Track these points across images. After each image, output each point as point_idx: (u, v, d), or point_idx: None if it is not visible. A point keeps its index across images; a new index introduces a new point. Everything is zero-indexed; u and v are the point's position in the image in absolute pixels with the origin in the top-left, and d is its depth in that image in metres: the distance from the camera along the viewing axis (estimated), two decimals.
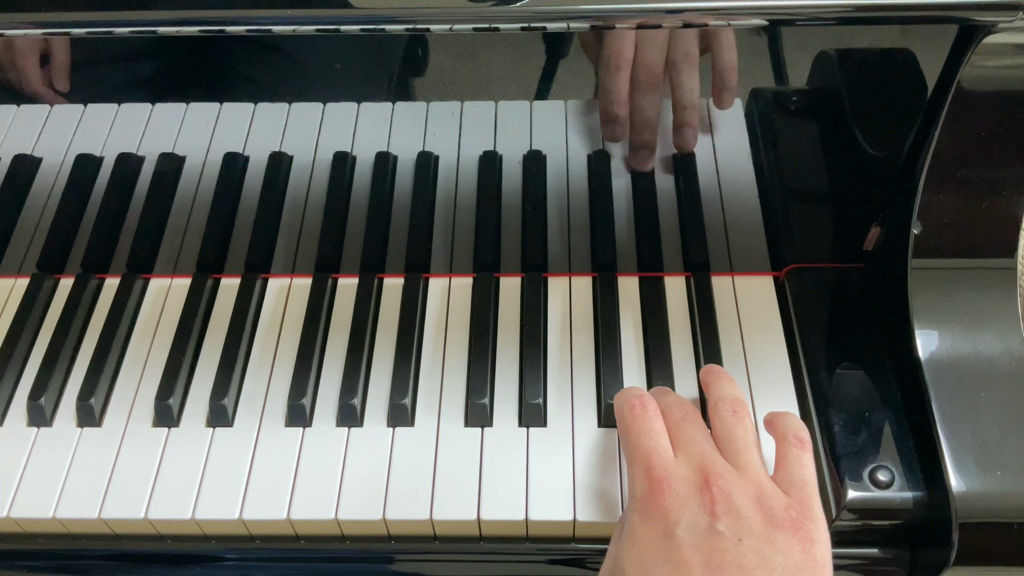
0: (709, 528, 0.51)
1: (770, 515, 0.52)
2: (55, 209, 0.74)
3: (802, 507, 0.52)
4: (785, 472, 0.55)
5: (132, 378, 0.69)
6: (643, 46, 0.62)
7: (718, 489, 0.52)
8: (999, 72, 0.57)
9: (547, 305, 0.72)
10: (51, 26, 0.57)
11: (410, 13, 0.55)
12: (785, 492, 0.53)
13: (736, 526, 0.51)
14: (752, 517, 0.51)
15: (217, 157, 0.72)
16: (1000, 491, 0.57)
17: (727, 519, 0.51)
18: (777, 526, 0.51)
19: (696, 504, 0.52)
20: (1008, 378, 0.61)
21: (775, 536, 0.51)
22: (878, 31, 0.59)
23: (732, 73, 0.63)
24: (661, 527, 0.52)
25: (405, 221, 0.73)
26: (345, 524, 0.62)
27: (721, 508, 0.51)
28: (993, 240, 0.63)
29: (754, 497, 0.52)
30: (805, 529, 0.51)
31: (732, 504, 0.52)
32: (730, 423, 0.57)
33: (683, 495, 0.52)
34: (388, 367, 0.68)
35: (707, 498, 0.52)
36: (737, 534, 0.50)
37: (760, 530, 0.51)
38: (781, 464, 0.55)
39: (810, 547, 0.51)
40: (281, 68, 0.66)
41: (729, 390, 0.59)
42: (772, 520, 0.51)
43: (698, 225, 0.72)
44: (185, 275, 0.75)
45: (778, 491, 0.53)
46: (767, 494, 0.53)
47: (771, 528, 0.51)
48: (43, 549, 0.65)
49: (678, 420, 0.57)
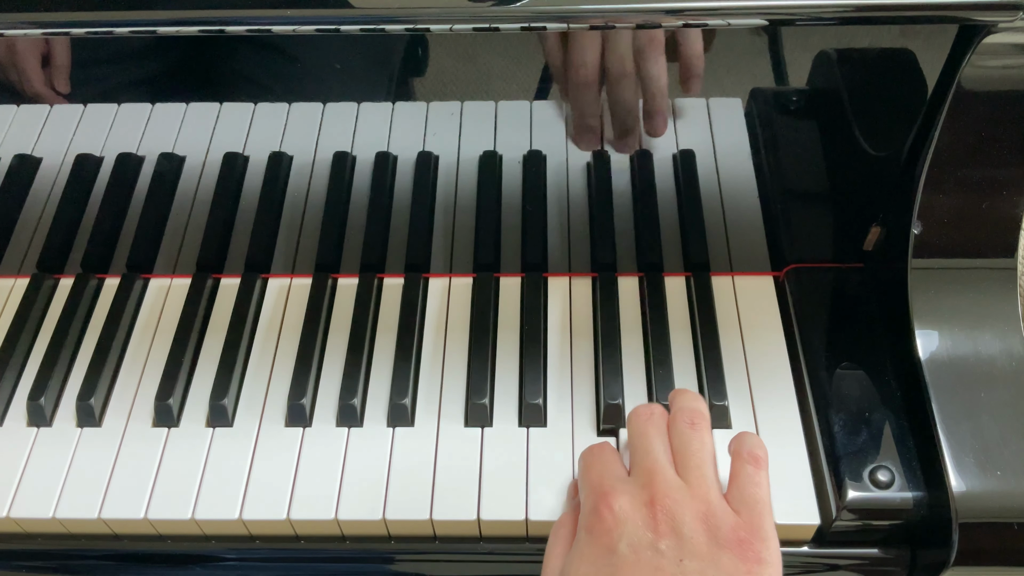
0: (651, 546, 0.50)
1: (716, 535, 0.51)
2: (55, 209, 0.74)
3: (752, 527, 0.52)
4: (738, 490, 0.54)
5: (132, 378, 0.69)
6: (610, 43, 0.62)
7: (663, 507, 0.51)
8: (999, 72, 0.57)
9: (547, 305, 0.72)
10: (51, 26, 0.57)
11: (410, 13, 0.55)
12: (736, 511, 0.53)
13: (678, 546, 0.50)
14: (696, 537, 0.51)
15: (217, 157, 0.72)
16: (1000, 491, 0.57)
17: (670, 538, 0.50)
18: (722, 546, 0.50)
19: (640, 521, 0.51)
20: (1008, 378, 0.61)
21: (720, 556, 0.50)
22: (878, 31, 0.59)
23: (699, 61, 0.63)
24: (605, 543, 0.51)
25: (405, 221, 0.73)
26: (345, 524, 0.62)
27: (664, 527, 0.51)
28: (993, 240, 0.63)
29: (700, 516, 0.52)
30: (753, 550, 0.50)
31: (676, 523, 0.51)
32: (686, 436, 0.56)
33: (628, 511, 0.52)
34: (388, 367, 0.68)
35: (651, 516, 0.51)
36: (679, 554, 0.50)
37: (704, 550, 0.50)
38: (734, 482, 0.54)
39: (757, 568, 0.50)
40: (281, 68, 0.66)
41: (690, 402, 0.58)
42: (718, 540, 0.51)
43: (698, 225, 0.72)
44: (185, 275, 0.75)
45: (727, 510, 0.52)
46: (715, 513, 0.52)
47: (716, 548, 0.50)
48: (43, 549, 0.65)
49: (639, 430, 0.57)
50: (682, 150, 0.71)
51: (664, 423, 0.57)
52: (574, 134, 0.69)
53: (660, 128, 0.68)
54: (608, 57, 0.63)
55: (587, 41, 0.62)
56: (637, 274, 0.73)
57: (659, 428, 0.57)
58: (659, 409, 0.58)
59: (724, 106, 0.68)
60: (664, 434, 0.57)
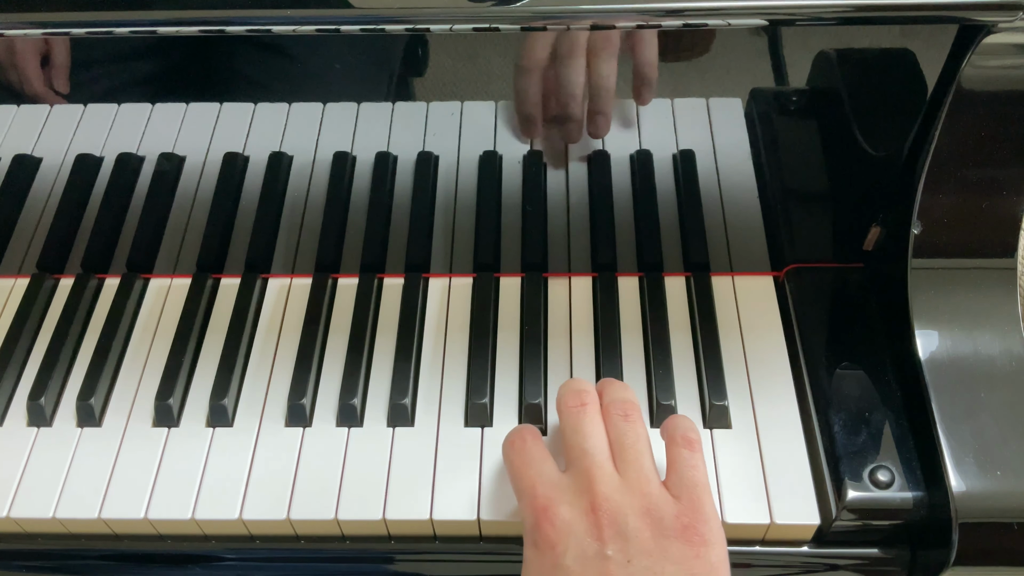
0: (597, 554, 0.50)
1: (660, 527, 0.51)
2: (55, 209, 0.74)
3: (694, 510, 0.52)
4: (676, 475, 0.54)
5: (132, 378, 0.69)
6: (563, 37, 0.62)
7: (604, 512, 0.51)
8: (999, 72, 0.57)
9: (547, 305, 0.72)
10: (51, 26, 0.57)
11: (410, 13, 0.55)
12: (676, 496, 0.53)
13: (625, 548, 0.50)
14: (641, 534, 0.51)
15: (217, 157, 0.72)
16: (1000, 491, 0.57)
17: (615, 542, 0.50)
18: (668, 536, 0.51)
19: (582, 531, 0.51)
20: (1008, 378, 0.61)
21: (667, 546, 0.50)
22: (878, 31, 0.60)
23: (651, 70, 0.63)
24: (551, 559, 0.51)
25: (405, 221, 0.73)
26: (345, 524, 0.62)
27: (608, 532, 0.51)
28: (993, 240, 0.63)
29: (642, 512, 0.52)
30: (698, 533, 0.51)
31: (619, 525, 0.51)
32: (621, 429, 0.56)
33: (569, 522, 0.52)
34: (388, 367, 0.68)
35: (594, 523, 0.51)
36: (626, 555, 0.50)
37: (651, 546, 0.50)
38: (672, 467, 0.55)
39: (703, 550, 0.50)
40: (281, 68, 0.66)
41: (620, 393, 0.58)
42: (663, 531, 0.51)
43: (698, 225, 0.72)
44: (185, 275, 0.75)
45: (668, 499, 0.53)
46: (656, 505, 0.52)
47: (662, 540, 0.51)
48: (43, 549, 0.65)
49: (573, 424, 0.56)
50: (682, 150, 0.71)
51: (597, 413, 0.57)
52: (516, 120, 0.69)
53: (602, 129, 0.68)
54: (559, 48, 0.62)
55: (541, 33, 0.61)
56: (637, 274, 0.73)
57: (594, 421, 0.56)
58: (590, 397, 0.57)
59: (724, 106, 0.68)
60: (600, 426, 0.56)
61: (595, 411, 0.57)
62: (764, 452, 0.63)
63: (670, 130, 0.70)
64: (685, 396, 0.66)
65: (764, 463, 0.63)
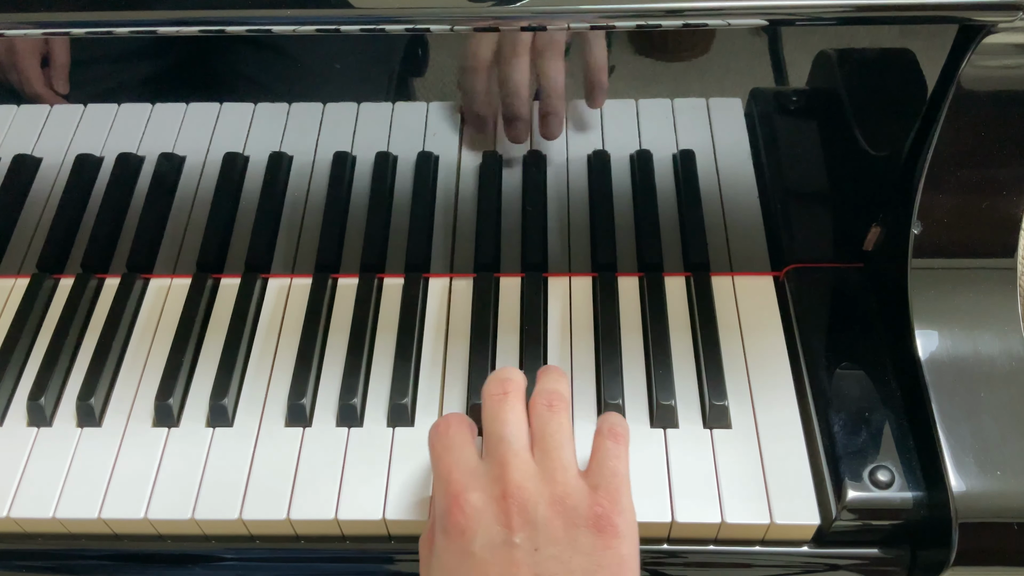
0: (505, 541, 0.50)
1: (572, 516, 0.51)
2: (55, 209, 0.74)
3: (609, 501, 0.51)
4: (597, 465, 0.54)
5: (132, 378, 0.69)
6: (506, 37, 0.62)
7: (515, 500, 0.51)
8: (999, 72, 0.57)
9: (547, 305, 0.72)
10: (51, 26, 0.57)
11: (410, 13, 0.55)
12: (595, 486, 0.52)
13: (533, 536, 0.50)
14: (551, 523, 0.50)
15: (217, 157, 0.72)
16: (1000, 491, 0.57)
17: (524, 530, 0.50)
18: (578, 526, 0.50)
19: (492, 517, 0.51)
20: (1008, 378, 0.61)
21: (577, 536, 0.50)
22: (878, 31, 0.60)
23: (601, 74, 0.63)
24: (460, 545, 0.51)
25: (405, 221, 0.73)
26: (345, 524, 0.62)
27: (517, 520, 0.50)
28: (993, 240, 0.63)
29: (555, 500, 0.51)
30: (612, 524, 0.50)
31: (529, 513, 0.51)
32: (544, 418, 0.55)
33: (480, 509, 0.51)
34: (388, 367, 0.68)
35: (504, 510, 0.51)
36: (534, 544, 0.50)
37: (560, 535, 0.50)
38: (594, 456, 0.54)
39: (615, 542, 0.50)
40: (281, 68, 0.66)
41: (551, 383, 0.58)
42: (574, 521, 0.50)
43: (698, 225, 0.72)
44: (185, 275, 0.75)
45: (584, 489, 0.52)
46: (570, 494, 0.51)
47: (572, 529, 0.50)
48: (43, 549, 0.65)
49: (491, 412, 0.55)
50: (682, 150, 0.71)
51: (519, 402, 0.56)
52: (468, 125, 0.68)
53: (555, 131, 0.67)
54: (504, 49, 0.62)
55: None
56: (637, 274, 0.73)
57: (514, 408, 0.55)
58: (514, 385, 0.57)
59: (724, 106, 0.68)
60: (520, 414, 0.56)
61: (517, 399, 0.56)
62: (764, 452, 0.63)
63: (670, 130, 0.70)
64: (685, 396, 0.66)
65: (764, 463, 0.63)
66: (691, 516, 0.60)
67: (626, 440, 0.55)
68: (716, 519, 0.60)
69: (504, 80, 0.63)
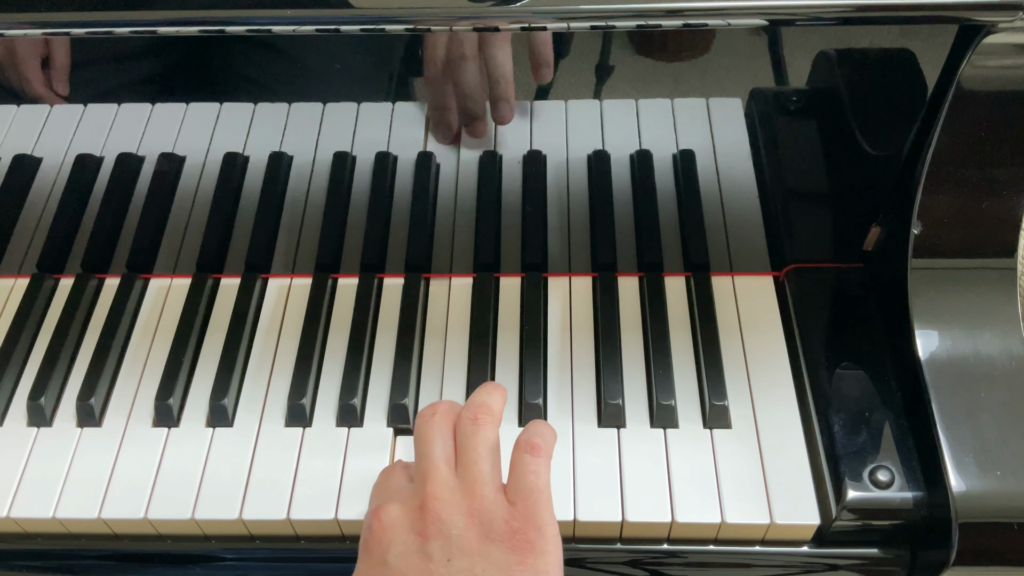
0: (419, 551, 0.50)
1: (487, 530, 0.51)
2: (55, 209, 0.74)
3: (526, 517, 0.51)
4: (514, 481, 0.53)
5: (132, 378, 0.69)
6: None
7: (431, 510, 0.51)
8: (999, 72, 0.57)
9: (547, 305, 0.72)
10: (51, 26, 0.57)
11: (410, 13, 0.55)
12: (512, 501, 0.52)
13: (446, 546, 0.50)
14: (466, 534, 0.50)
15: (217, 157, 0.72)
16: (1000, 491, 0.57)
17: (438, 540, 0.50)
18: (493, 540, 0.50)
19: (407, 527, 0.51)
20: (1008, 378, 0.61)
21: (490, 550, 0.50)
22: (878, 31, 0.59)
23: (547, 71, 0.63)
24: (377, 555, 0.51)
25: (405, 221, 0.73)
26: (345, 524, 0.62)
27: (432, 529, 0.51)
28: (993, 240, 0.63)
29: (472, 512, 0.51)
30: (527, 540, 0.50)
31: (444, 524, 0.51)
32: (467, 432, 0.55)
33: (397, 519, 0.52)
34: (388, 367, 0.68)
35: (420, 520, 0.51)
36: (447, 554, 0.50)
37: (475, 547, 0.50)
38: (512, 472, 0.54)
39: (530, 558, 0.50)
40: (281, 68, 0.66)
41: (481, 396, 0.57)
42: (489, 534, 0.51)
43: (698, 225, 0.72)
44: (185, 275, 0.75)
45: (501, 503, 0.52)
46: (486, 508, 0.51)
47: (487, 543, 0.50)
48: (43, 549, 0.65)
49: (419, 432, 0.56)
50: (682, 150, 0.71)
51: (446, 423, 0.56)
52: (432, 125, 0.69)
53: (507, 116, 0.67)
54: (451, 43, 0.62)
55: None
56: (637, 274, 0.73)
57: (439, 428, 0.56)
58: (442, 408, 0.57)
59: (724, 106, 0.68)
60: (445, 433, 0.56)
61: (443, 419, 0.56)
62: (764, 452, 0.63)
63: (670, 130, 0.70)
64: (685, 396, 0.66)
65: (764, 463, 0.63)
66: (691, 516, 0.60)
67: (547, 451, 0.54)
68: (716, 519, 0.60)
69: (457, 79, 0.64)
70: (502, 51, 0.62)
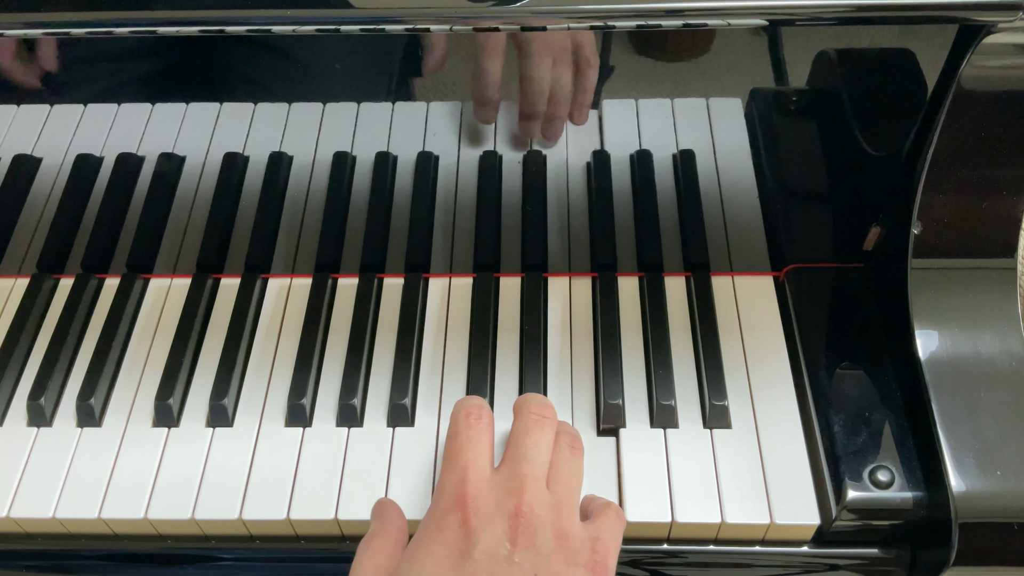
0: (508, 558, 0.50)
1: (574, 555, 0.51)
2: (55, 209, 0.74)
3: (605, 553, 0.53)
4: (600, 524, 0.55)
5: (132, 378, 0.69)
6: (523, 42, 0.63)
7: (525, 521, 0.51)
8: (999, 72, 0.57)
9: (547, 305, 0.72)
10: (51, 26, 0.57)
11: (410, 13, 0.55)
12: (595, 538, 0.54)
13: (535, 560, 0.50)
14: (554, 555, 0.51)
15: (217, 157, 0.72)
16: (1000, 491, 0.57)
17: (527, 552, 0.50)
18: (579, 565, 0.51)
19: (500, 530, 0.51)
20: (1008, 378, 0.61)
21: (575, 574, 0.51)
22: (878, 31, 0.60)
23: (587, 95, 0.65)
24: (459, 546, 0.51)
25: (405, 221, 0.73)
26: (345, 524, 0.62)
27: (523, 540, 0.51)
28: (993, 240, 0.63)
29: (560, 535, 0.52)
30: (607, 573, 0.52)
31: (536, 538, 0.51)
32: (565, 457, 0.56)
33: (489, 517, 0.52)
34: (388, 367, 0.68)
35: (513, 527, 0.51)
36: (534, 568, 0.50)
37: (561, 568, 0.50)
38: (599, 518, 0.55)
39: None
40: (281, 68, 0.66)
41: (571, 428, 0.60)
42: (576, 560, 0.51)
43: (698, 225, 0.72)
44: (185, 275, 0.75)
45: (585, 535, 0.53)
46: (576, 535, 0.52)
47: (574, 567, 0.51)
48: (43, 549, 0.65)
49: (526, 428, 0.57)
50: (682, 150, 0.71)
51: (553, 431, 0.57)
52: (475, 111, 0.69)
53: (557, 134, 0.69)
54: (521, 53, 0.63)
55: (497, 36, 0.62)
56: (637, 274, 0.73)
57: (548, 435, 0.57)
58: (552, 412, 0.58)
59: (724, 106, 0.68)
60: (550, 442, 0.57)
61: (553, 429, 0.57)
62: (764, 452, 0.63)
63: (670, 130, 0.70)
64: (685, 396, 0.66)
65: (764, 463, 0.63)
66: (691, 516, 0.60)
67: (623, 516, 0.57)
68: (716, 519, 0.60)
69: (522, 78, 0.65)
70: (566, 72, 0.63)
